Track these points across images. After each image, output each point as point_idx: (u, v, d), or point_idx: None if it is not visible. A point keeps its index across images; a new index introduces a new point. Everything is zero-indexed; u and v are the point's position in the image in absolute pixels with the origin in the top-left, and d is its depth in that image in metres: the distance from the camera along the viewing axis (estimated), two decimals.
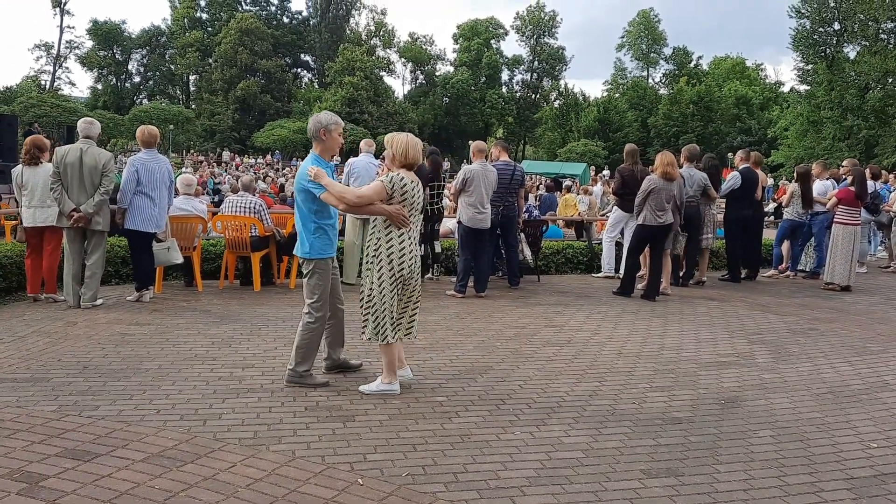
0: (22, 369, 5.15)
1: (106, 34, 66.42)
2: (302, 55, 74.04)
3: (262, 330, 6.61)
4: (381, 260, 4.77)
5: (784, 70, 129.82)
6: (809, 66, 46.63)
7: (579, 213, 14.49)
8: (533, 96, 70.89)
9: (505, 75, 71.31)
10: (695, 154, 9.97)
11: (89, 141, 7.42)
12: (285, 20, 72.82)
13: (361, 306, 4.90)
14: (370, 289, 4.81)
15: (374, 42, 68.71)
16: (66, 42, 65.22)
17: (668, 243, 9.06)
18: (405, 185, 4.73)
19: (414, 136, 4.90)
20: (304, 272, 5.06)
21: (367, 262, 4.85)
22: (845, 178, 10.59)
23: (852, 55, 45.37)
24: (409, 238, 4.82)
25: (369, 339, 4.86)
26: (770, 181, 33.95)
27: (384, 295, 4.79)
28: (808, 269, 11.25)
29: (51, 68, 65.19)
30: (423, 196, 4.92)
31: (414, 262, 4.86)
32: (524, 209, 9.83)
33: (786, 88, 62.67)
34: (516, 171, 9.19)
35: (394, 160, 4.80)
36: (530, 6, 70.39)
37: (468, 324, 7.19)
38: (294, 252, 5.16)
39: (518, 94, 70.88)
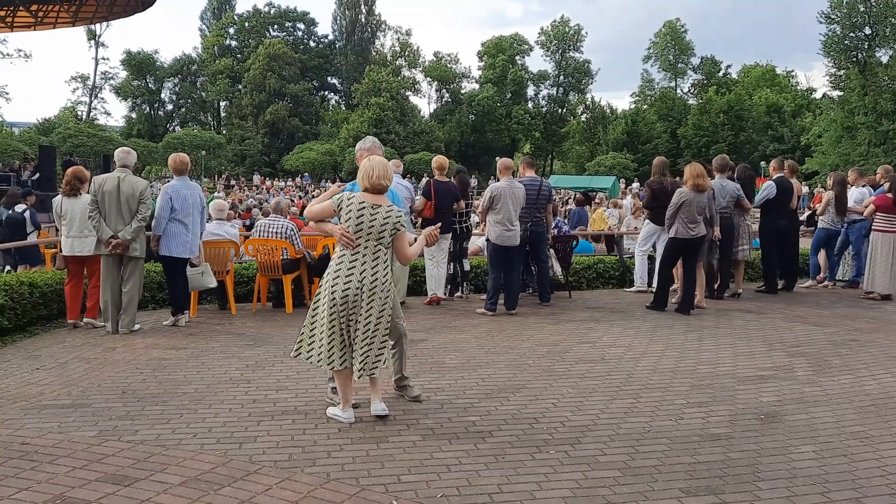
0: (63, 395, 5.24)
1: (139, 64, 68.04)
2: (329, 78, 75.07)
3: None
4: (325, 280, 4.73)
5: (815, 76, 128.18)
6: (841, 72, 45.93)
7: (608, 227, 14.40)
8: (559, 111, 70.80)
9: (531, 91, 71.42)
10: (725, 165, 9.86)
11: (126, 170, 7.58)
12: (312, 44, 74.03)
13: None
14: (312, 308, 4.82)
15: (400, 62, 69.31)
16: (102, 73, 67.14)
17: (701, 254, 8.98)
18: (351, 205, 4.63)
19: (383, 162, 4.75)
20: None
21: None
22: (882, 185, 10.39)
23: (885, 59, 44.61)
24: (360, 262, 4.64)
25: (294, 356, 4.89)
26: (805, 189, 33.47)
27: (315, 316, 4.76)
28: (846, 279, 11.04)
29: (87, 99, 67.05)
30: (390, 221, 4.65)
31: (360, 289, 4.60)
32: (553, 225, 9.79)
33: (818, 95, 61.84)
34: (543, 186, 9.18)
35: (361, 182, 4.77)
36: (555, 21, 70.57)
37: (499, 342, 7.17)
38: None
39: (544, 109, 70.85)
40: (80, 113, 65.68)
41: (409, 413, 4.93)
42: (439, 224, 5.26)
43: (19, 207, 11.95)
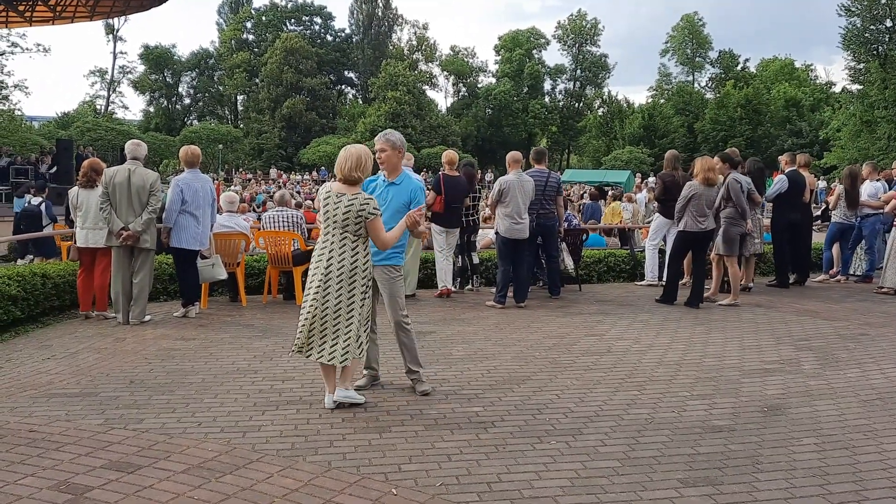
0: (72, 384, 5.32)
1: (157, 58, 68.56)
2: (346, 72, 75.15)
3: None
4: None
5: (835, 70, 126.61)
6: (861, 65, 45.34)
7: (621, 221, 14.36)
8: (576, 105, 70.55)
9: (547, 85, 71.25)
10: (734, 159, 9.72)
11: (137, 162, 7.66)
12: (329, 38, 74.13)
13: None
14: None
15: (417, 56, 69.35)
16: (120, 67, 67.74)
17: (746, 248, 9.20)
18: (320, 195, 4.85)
19: (352, 151, 4.78)
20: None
21: None
22: None
23: None
24: (327, 250, 4.73)
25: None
26: (823, 183, 33.13)
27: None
28: (859, 273, 10.94)
29: (105, 93, 67.64)
30: (352, 209, 4.66)
31: (319, 272, 4.72)
32: (563, 218, 9.78)
33: (837, 89, 61.09)
34: (550, 178, 9.15)
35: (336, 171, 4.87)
36: (572, 15, 70.25)
37: (507, 334, 7.19)
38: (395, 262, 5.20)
39: (561, 104, 70.65)
40: (98, 107, 66.29)
41: (413, 403, 4.97)
42: (422, 206, 5.19)
43: (35, 200, 12.10)
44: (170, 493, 3.48)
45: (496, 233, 8.72)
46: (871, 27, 44.83)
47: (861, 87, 45.91)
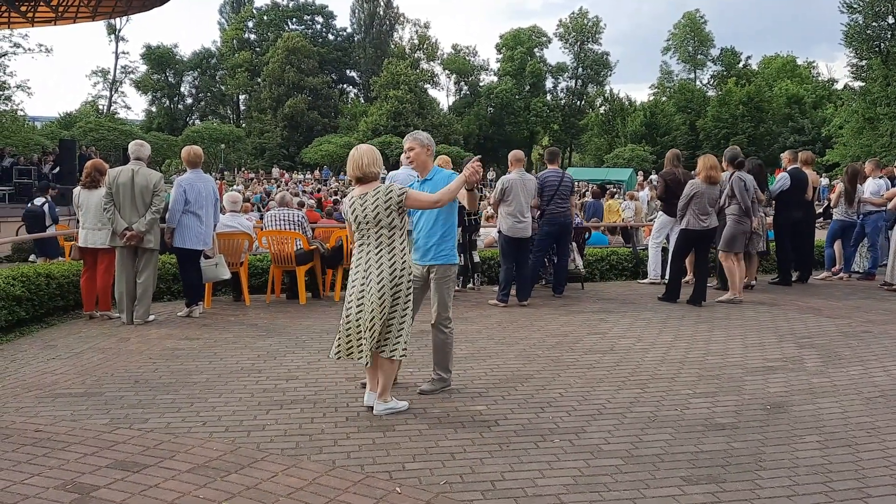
0: (77, 384, 5.35)
1: (159, 58, 68.61)
2: (347, 71, 75.20)
3: (307, 342, 6.73)
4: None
5: (837, 67, 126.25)
6: (864, 62, 45.25)
7: (623, 219, 14.36)
8: (578, 103, 70.52)
9: (549, 83, 71.21)
10: (738, 159, 9.68)
11: (140, 162, 7.68)
12: (330, 37, 74.16)
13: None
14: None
15: (418, 55, 69.31)
16: (122, 67, 67.80)
17: (752, 246, 9.28)
18: (345, 207, 4.91)
19: (368, 148, 4.82)
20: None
21: None
22: None
23: None
24: (365, 253, 4.72)
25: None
26: (825, 181, 33.07)
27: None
28: (862, 270, 10.93)
29: (107, 93, 67.68)
30: (379, 202, 4.62)
31: (356, 280, 4.71)
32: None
33: (839, 85, 60.98)
34: (565, 177, 9.14)
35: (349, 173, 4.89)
36: (573, 13, 70.21)
37: (510, 333, 7.20)
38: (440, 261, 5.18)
39: (563, 102, 70.63)
40: (100, 107, 66.35)
41: (417, 402, 4.97)
42: (479, 156, 5.16)
43: (38, 200, 12.14)
44: (175, 493, 3.50)
45: (499, 231, 8.73)
46: (874, 24, 44.72)
47: (863, 83, 45.81)
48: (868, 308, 8.60)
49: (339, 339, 4.75)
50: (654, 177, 35.05)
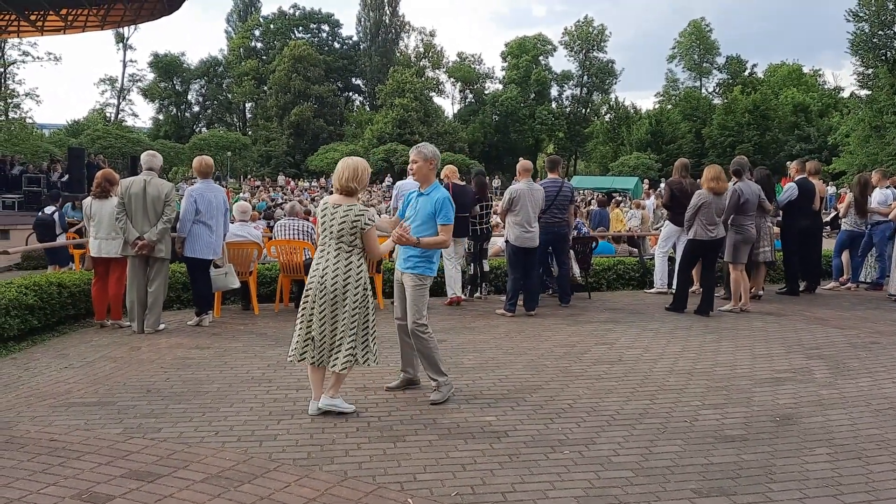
0: (90, 393, 5.39)
1: (166, 66, 68.97)
2: (353, 79, 75.46)
3: None
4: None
5: (844, 75, 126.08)
6: (870, 70, 45.21)
7: (629, 229, 14.38)
8: (583, 111, 70.56)
9: (554, 91, 71.27)
10: (738, 170, 9.64)
11: (152, 172, 7.75)
12: (336, 46, 74.48)
13: None
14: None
15: (424, 63, 69.53)
16: (129, 75, 68.23)
17: (756, 256, 9.25)
18: (318, 207, 5.04)
19: (350, 163, 4.94)
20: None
21: None
22: None
23: None
24: (323, 259, 4.86)
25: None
26: (832, 190, 33.02)
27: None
28: (869, 281, 10.93)
29: (115, 101, 68.14)
30: (347, 220, 4.77)
31: (314, 284, 4.84)
32: (573, 226, 9.81)
33: (846, 94, 60.94)
34: (564, 186, 9.19)
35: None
36: (578, 21, 70.34)
37: (518, 343, 7.22)
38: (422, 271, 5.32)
39: (568, 110, 70.67)
40: (108, 115, 66.70)
41: (427, 413, 5.01)
42: (403, 223, 5.27)
43: (49, 209, 12.21)
44: (190, 502, 3.53)
45: (506, 241, 8.76)
46: (880, 32, 44.70)
47: (870, 92, 45.76)
48: (876, 318, 8.60)
49: (296, 344, 4.93)
50: (662, 186, 35.08)
